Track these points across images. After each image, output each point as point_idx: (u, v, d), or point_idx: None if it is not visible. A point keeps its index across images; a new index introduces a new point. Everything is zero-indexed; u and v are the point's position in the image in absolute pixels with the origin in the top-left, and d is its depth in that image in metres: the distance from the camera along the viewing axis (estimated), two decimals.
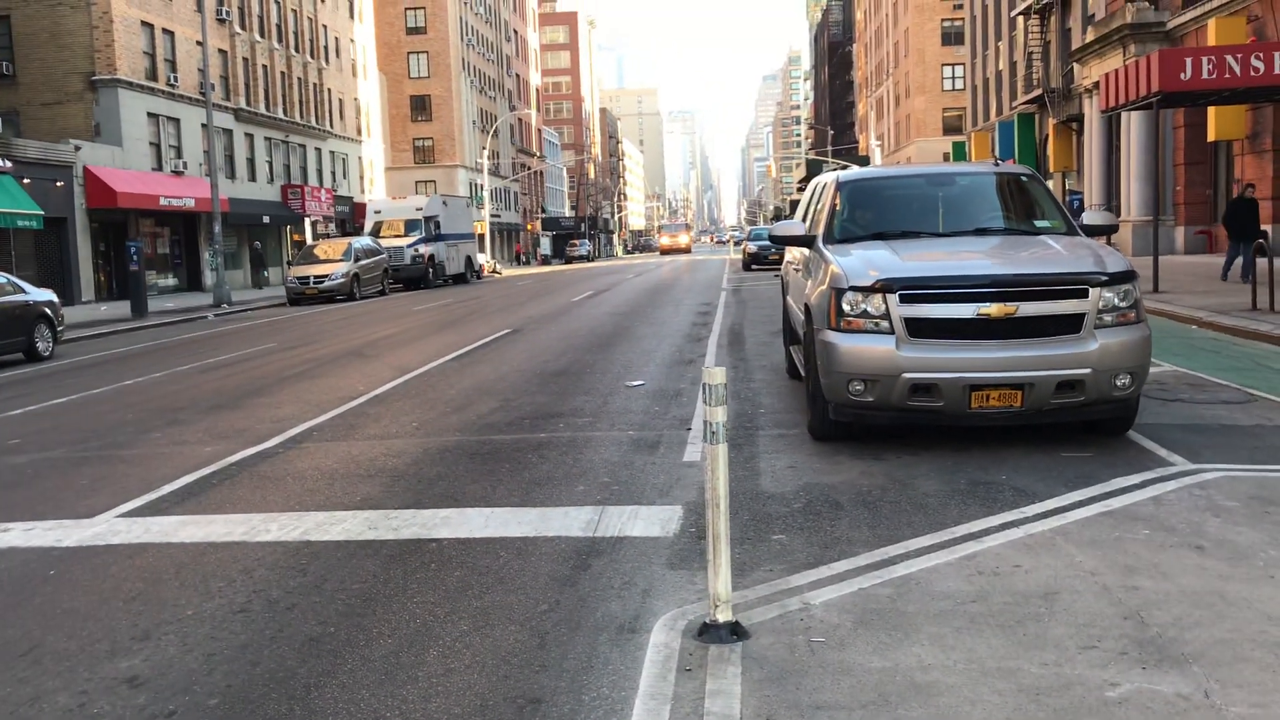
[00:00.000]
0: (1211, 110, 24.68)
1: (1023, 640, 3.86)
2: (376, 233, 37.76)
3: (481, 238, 57.73)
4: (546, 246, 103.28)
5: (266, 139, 48.21)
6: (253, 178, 46.89)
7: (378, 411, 9.82)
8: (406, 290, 36.25)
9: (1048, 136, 43.65)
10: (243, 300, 34.04)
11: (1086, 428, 7.20)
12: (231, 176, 44.35)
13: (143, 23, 38.03)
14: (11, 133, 33.33)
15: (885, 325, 6.61)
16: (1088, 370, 6.40)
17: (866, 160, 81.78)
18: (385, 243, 36.13)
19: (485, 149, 73.17)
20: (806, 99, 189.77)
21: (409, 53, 78.04)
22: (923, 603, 4.27)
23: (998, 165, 8.99)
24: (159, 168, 39.09)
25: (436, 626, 4.38)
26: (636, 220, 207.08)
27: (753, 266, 39.18)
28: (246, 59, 46.12)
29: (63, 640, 4.45)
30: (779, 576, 4.70)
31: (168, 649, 4.28)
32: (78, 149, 34.19)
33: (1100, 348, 6.44)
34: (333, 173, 56.23)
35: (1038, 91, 43.17)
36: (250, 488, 7.01)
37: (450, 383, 11.51)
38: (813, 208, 9.33)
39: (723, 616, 4.00)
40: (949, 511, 5.58)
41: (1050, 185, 9.09)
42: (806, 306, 7.71)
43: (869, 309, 6.66)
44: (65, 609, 4.85)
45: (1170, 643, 3.79)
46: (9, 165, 30.55)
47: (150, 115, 38.58)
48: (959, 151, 60.97)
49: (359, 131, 60.92)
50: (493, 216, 78.13)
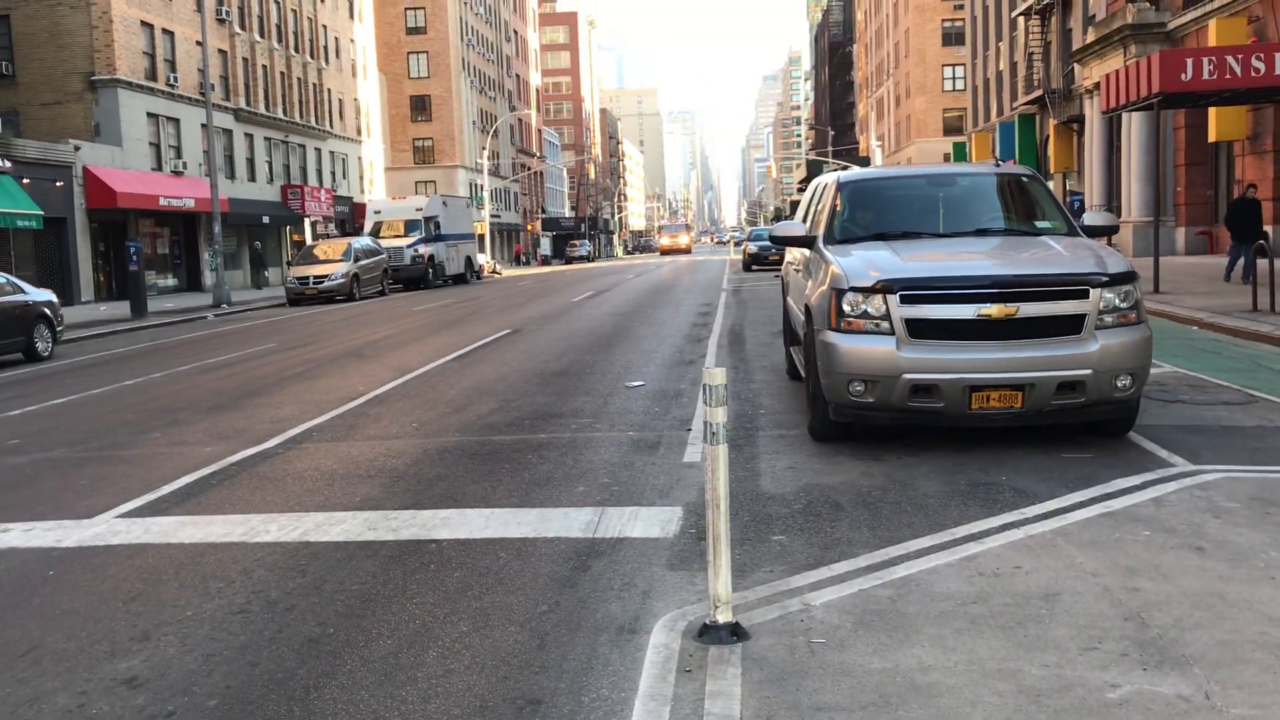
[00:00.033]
0: (1212, 111, 24.68)
1: (1023, 641, 3.86)
2: (376, 233, 37.74)
3: (481, 238, 57.73)
4: (546, 247, 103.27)
5: (266, 139, 48.22)
6: (252, 178, 46.90)
7: (377, 412, 9.82)
8: (406, 290, 36.25)
9: (1048, 137, 43.66)
10: (242, 300, 34.04)
11: (1087, 429, 7.19)
12: (231, 177, 44.36)
13: (142, 23, 38.03)
14: (11, 133, 33.33)
15: (886, 326, 6.60)
16: (1088, 371, 6.40)
17: (867, 161, 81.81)
18: (385, 243, 36.12)
19: (485, 149, 73.19)
20: (807, 99, 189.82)
21: (409, 53, 78.07)
22: (923, 604, 4.26)
23: (998, 166, 8.98)
24: (159, 168, 39.10)
25: (436, 627, 4.37)
26: (637, 221, 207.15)
27: (753, 267, 39.19)
28: (246, 59, 46.13)
29: (62, 641, 4.45)
30: (779, 577, 4.69)
31: (167, 650, 4.28)
32: (77, 149, 34.19)
33: (1101, 349, 6.43)
34: (332, 173, 56.25)
35: (1038, 92, 43.17)
36: (250, 488, 7.00)
37: (450, 383, 11.50)
38: (813, 208, 9.33)
39: (723, 617, 4.00)
40: (949, 512, 5.57)
41: (1051, 186, 9.06)
42: (807, 307, 7.71)
43: (869, 310, 6.66)
44: (65, 609, 4.84)
45: (1171, 644, 3.78)
46: (9, 165, 30.55)
47: (150, 115, 38.59)
48: (959, 152, 60.98)
49: (359, 132, 60.93)
50: (493, 217, 78.13)
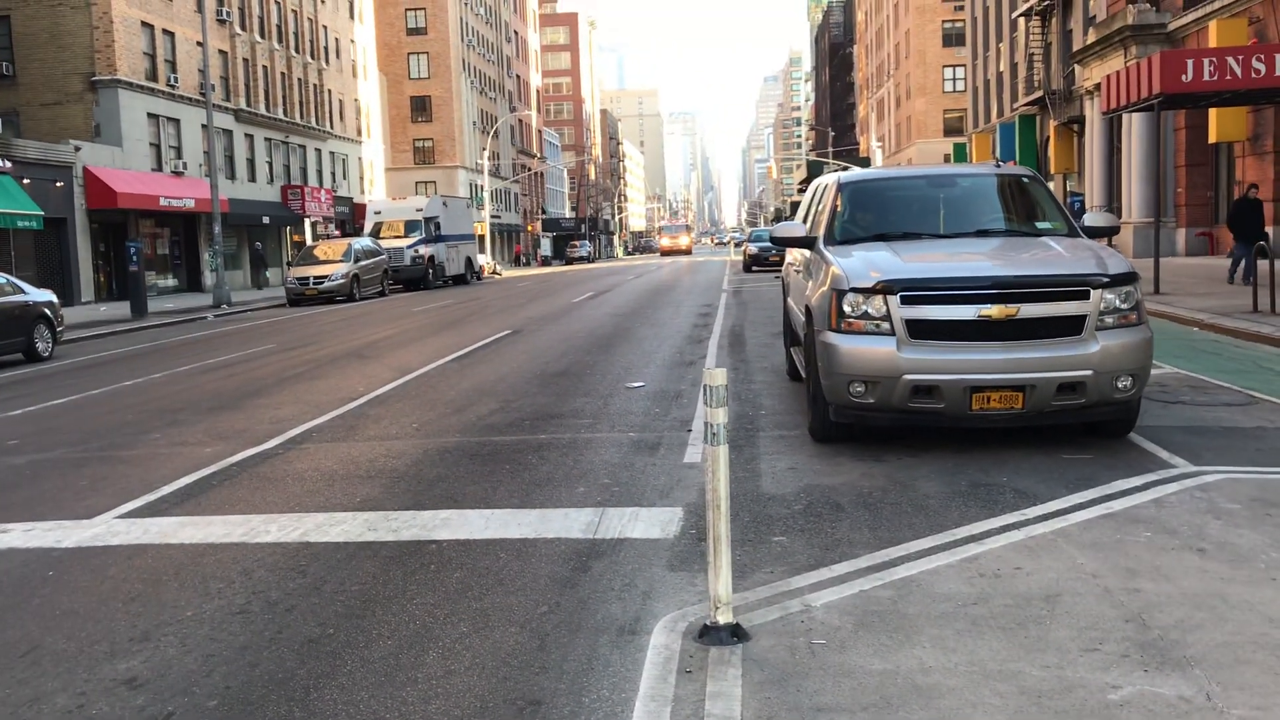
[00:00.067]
0: (1213, 112, 24.68)
1: (1024, 642, 3.85)
2: (376, 233, 37.74)
3: (481, 239, 57.74)
4: (547, 248, 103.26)
5: (266, 139, 48.23)
6: (253, 178, 46.90)
7: (378, 413, 9.81)
8: (406, 291, 36.25)
9: (1049, 138, 43.65)
10: (243, 301, 34.03)
11: (1088, 430, 7.18)
12: (231, 177, 44.36)
13: (143, 23, 38.03)
14: (11, 133, 33.33)
15: (886, 327, 6.60)
16: (1089, 372, 6.39)
17: (867, 162, 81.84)
18: (385, 244, 36.12)
19: (485, 150, 73.21)
20: (807, 100, 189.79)
21: (409, 53, 78.08)
22: (924, 605, 4.26)
23: (999, 166, 8.98)
24: (159, 168, 39.10)
25: (436, 628, 4.37)
26: (637, 221, 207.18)
27: (753, 268, 39.18)
28: (247, 60, 46.14)
29: (62, 641, 4.45)
30: (780, 578, 4.69)
31: (167, 650, 4.28)
32: (78, 149, 34.19)
33: (1101, 349, 6.43)
34: (333, 173, 56.24)
35: (1039, 93, 43.17)
36: (250, 489, 7.00)
37: (450, 384, 11.50)
38: (813, 209, 9.32)
39: (723, 618, 3.99)
40: (950, 513, 5.57)
41: (1051, 187, 9.02)
42: (807, 308, 7.70)
43: (870, 310, 6.65)
44: (64, 610, 4.84)
45: (1172, 645, 3.78)
46: (9, 166, 30.55)
47: (150, 116, 38.59)
48: (960, 153, 61.00)
49: (359, 132, 60.94)
50: (493, 217, 78.15)
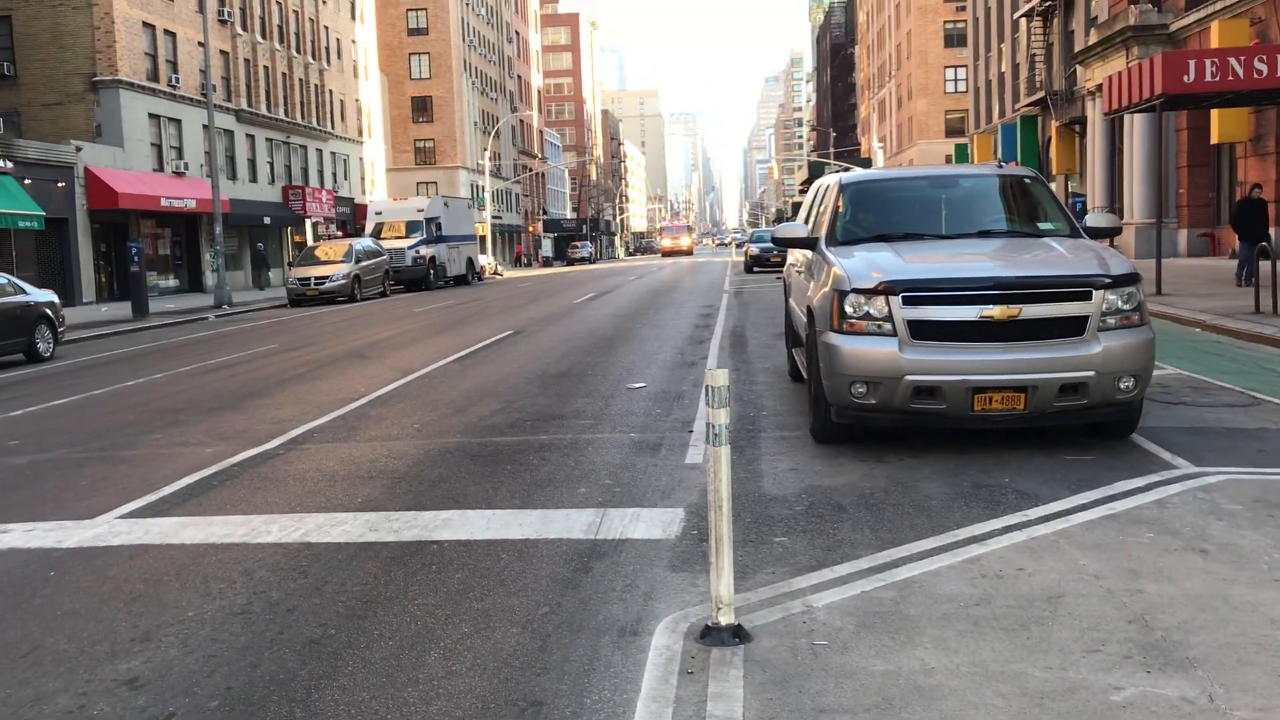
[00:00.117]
0: (1215, 113, 24.67)
1: (1026, 644, 3.85)
2: (377, 234, 37.76)
3: (483, 239, 57.75)
4: (548, 248, 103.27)
5: (268, 140, 48.25)
6: (254, 179, 46.92)
7: (379, 413, 9.81)
8: (407, 292, 36.26)
9: (1050, 139, 43.64)
10: (244, 301, 34.05)
11: (1090, 430, 7.18)
12: (233, 177, 44.37)
13: (144, 24, 38.05)
14: (13, 133, 33.35)
15: (888, 327, 6.59)
16: (1091, 373, 6.39)
17: (869, 162, 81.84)
18: (386, 244, 36.14)
19: (487, 150, 73.23)
20: (809, 101, 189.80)
21: (410, 54, 78.09)
22: (926, 606, 4.25)
23: (1001, 167, 8.97)
24: (160, 169, 39.11)
25: (437, 629, 4.36)
26: (638, 222, 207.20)
27: (755, 269, 39.15)
28: (248, 60, 46.16)
29: (63, 642, 4.44)
30: (781, 579, 4.68)
31: (168, 650, 4.27)
32: (79, 150, 34.21)
33: (1104, 350, 6.42)
34: (334, 174, 56.26)
35: (1040, 94, 43.16)
36: (251, 489, 7.00)
37: (452, 384, 11.50)
38: (815, 210, 9.31)
39: (725, 619, 3.98)
40: (952, 514, 5.56)
41: (1053, 188, 9.02)
42: (809, 309, 7.69)
43: (872, 311, 6.64)
44: (66, 610, 4.84)
45: (1175, 646, 3.77)
46: (10, 166, 30.57)
47: (151, 116, 38.61)
48: (961, 154, 60.99)
49: (360, 133, 60.95)
50: (494, 218, 78.16)
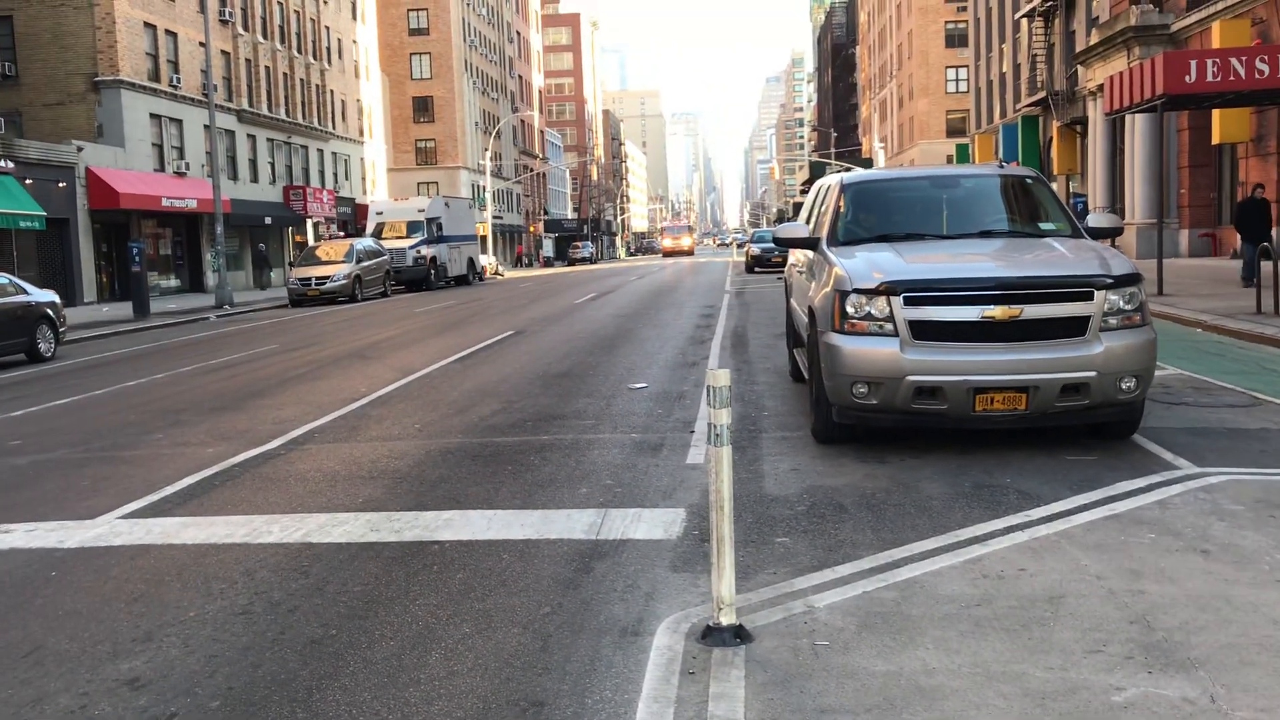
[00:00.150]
0: (1216, 113, 24.65)
1: (1028, 644, 3.84)
2: (378, 234, 37.76)
3: (484, 239, 57.75)
4: (549, 248, 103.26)
5: (269, 140, 48.26)
6: (255, 179, 46.93)
7: (380, 413, 9.81)
8: (408, 292, 36.27)
9: (1052, 139, 43.62)
10: (245, 301, 34.06)
11: (1091, 431, 7.17)
12: (234, 177, 44.38)
13: (145, 24, 38.06)
14: (14, 133, 33.35)
15: (889, 328, 6.58)
16: (1093, 373, 6.38)
17: (870, 162, 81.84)
18: (387, 244, 36.14)
19: (488, 150, 73.24)
20: (810, 101, 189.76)
21: (411, 54, 78.11)
22: (927, 606, 4.25)
23: (1002, 167, 8.96)
24: (161, 169, 39.13)
25: (439, 629, 4.36)
26: (639, 222, 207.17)
27: (756, 269, 39.15)
28: (249, 60, 46.17)
29: (64, 642, 4.44)
30: (783, 579, 4.68)
31: (169, 651, 4.27)
32: (80, 150, 34.22)
33: (1105, 351, 6.42)
34: (335, 174, 56.27)
35: (1042, 94, 43.14)
36: (252, 489, 7.00)
37: (453, 385, 11.50)
38: (816, 210, 9.31)
39: (726, 619, 3.98)
40: (953, 514, 5.56)
41: (1054, 188, 9.04)
42: (810, 309, 7.69)
43: (873, 311, 6.64)
44: (67, 610, 4.84)
45: (1176, 647, 3.77)
46: (11, 166, 30.58)
47: (153, 116, 38.63)
48: (963, 154, 60.99)
49: (361, 133, 60.96)
50: (495, 218, 78.18)
